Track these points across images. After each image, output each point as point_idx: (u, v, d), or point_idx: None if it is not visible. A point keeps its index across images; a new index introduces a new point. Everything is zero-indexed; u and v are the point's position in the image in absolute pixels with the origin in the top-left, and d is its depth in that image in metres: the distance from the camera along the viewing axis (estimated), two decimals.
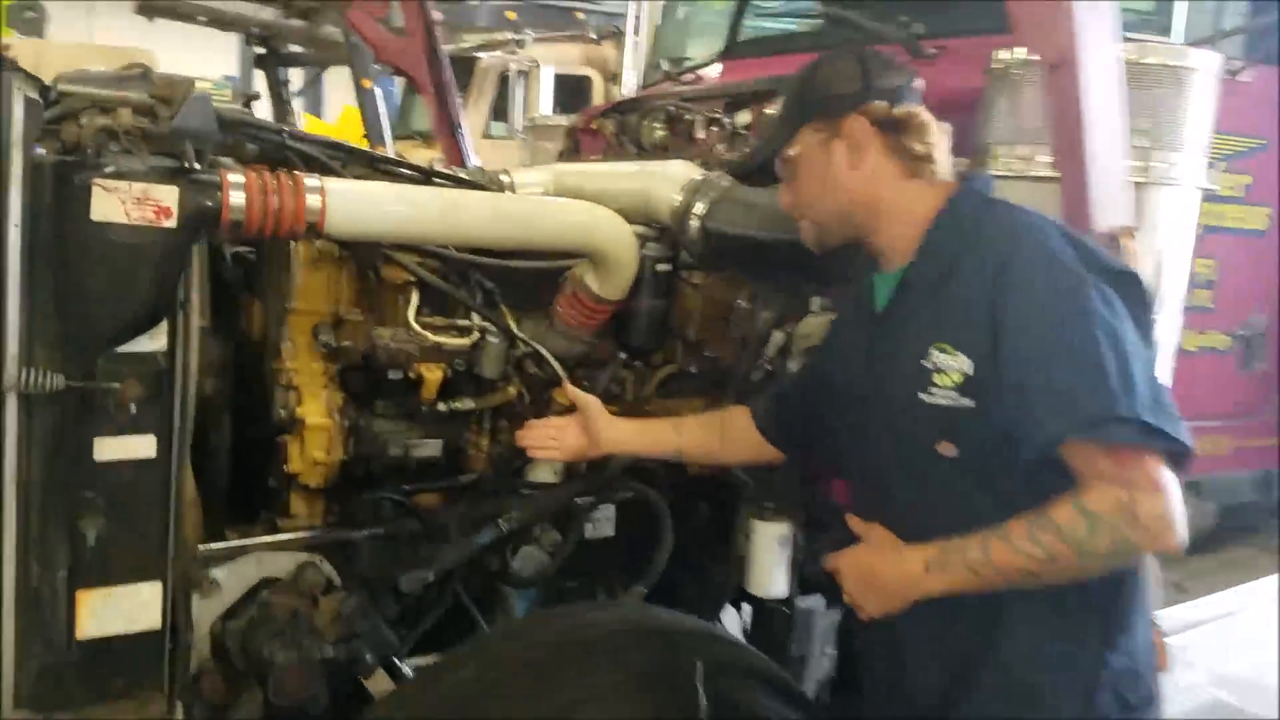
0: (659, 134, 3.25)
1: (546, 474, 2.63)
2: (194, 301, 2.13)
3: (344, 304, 2.45)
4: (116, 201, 1.71)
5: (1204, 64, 2.04)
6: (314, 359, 2.40)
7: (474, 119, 7.83)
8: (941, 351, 1.58)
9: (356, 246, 2.36)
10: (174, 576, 1.97)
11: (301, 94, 10.26)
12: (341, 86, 8.62)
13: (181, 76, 1.94)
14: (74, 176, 1.69)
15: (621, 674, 1.86)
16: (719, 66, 3.46)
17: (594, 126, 3.59)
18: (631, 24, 7.52)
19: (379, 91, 6.56)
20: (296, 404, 2.36)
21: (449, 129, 3.97)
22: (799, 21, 3.54)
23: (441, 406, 2.49)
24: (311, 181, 1.91)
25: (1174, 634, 2.50)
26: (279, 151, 2.16)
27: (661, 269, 2.75)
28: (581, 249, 2.51)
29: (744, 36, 3.58)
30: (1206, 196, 2.16)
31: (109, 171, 1.71)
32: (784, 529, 2.62)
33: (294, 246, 2.36)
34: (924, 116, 1.75)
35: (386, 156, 2.43)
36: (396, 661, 2.33)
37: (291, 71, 8.10)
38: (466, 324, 2.55)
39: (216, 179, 1.82)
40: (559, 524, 2.54)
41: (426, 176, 2.43)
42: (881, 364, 1.76)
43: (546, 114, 7.53)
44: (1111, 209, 1.88)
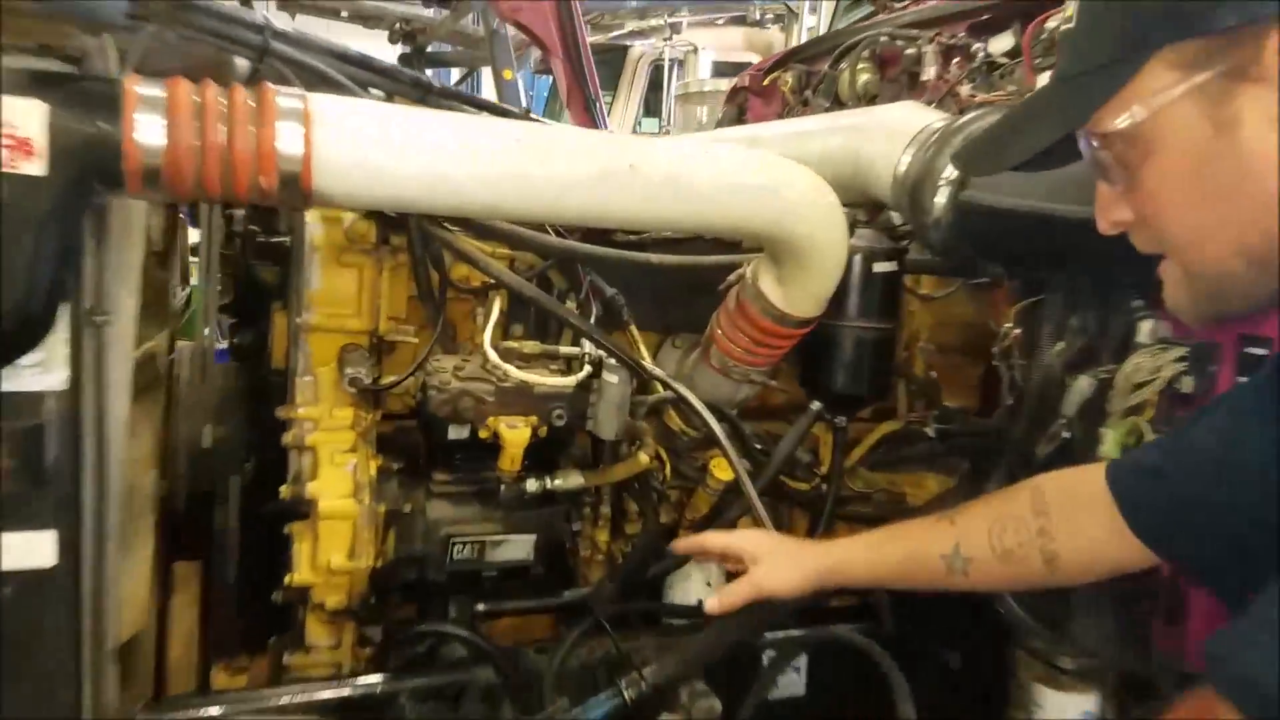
0: (865, 78, 2.24)
1: (701, 588, 1.67)
2: (125, 309, 1.30)
3: (386, 319, 1.58)
4: None
5: None
6: (339, 403, 1.53)
7: (622, 113, 6.97)
8: None
9: (400, 222, 1.48)
10: None
11: None
12: (492, 93, 8.02)
13: None
14: None
15: None
16: None
17: (766, 83, 2.60)
18: None
19: (521, 84, 5.85)
20: (309, 475, 1.49)
21: (583, 101, 3.10)
22: None
23: (533, 483, 1.57)
24: (288, 101, 1.02)
25: None
26: (260, 61, 1.30)
27: (880, 270, 1.74)
28: (759, 234, 1.54)
29: None
30: None
31: None
32: (1089, 702, 1.57)
33: (307, 225, 1.51)
34: None
35: (451, 89, 1.53)
36: None
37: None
38: (572, 352, 1.62)
39: (113, 92, 0.94)
40: (719, 679, 1.55)
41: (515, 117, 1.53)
42: None
43: (702, 78, 6.50)
44: None
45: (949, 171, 1.56)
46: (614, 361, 1.61)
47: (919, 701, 1.56)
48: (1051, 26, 1.88)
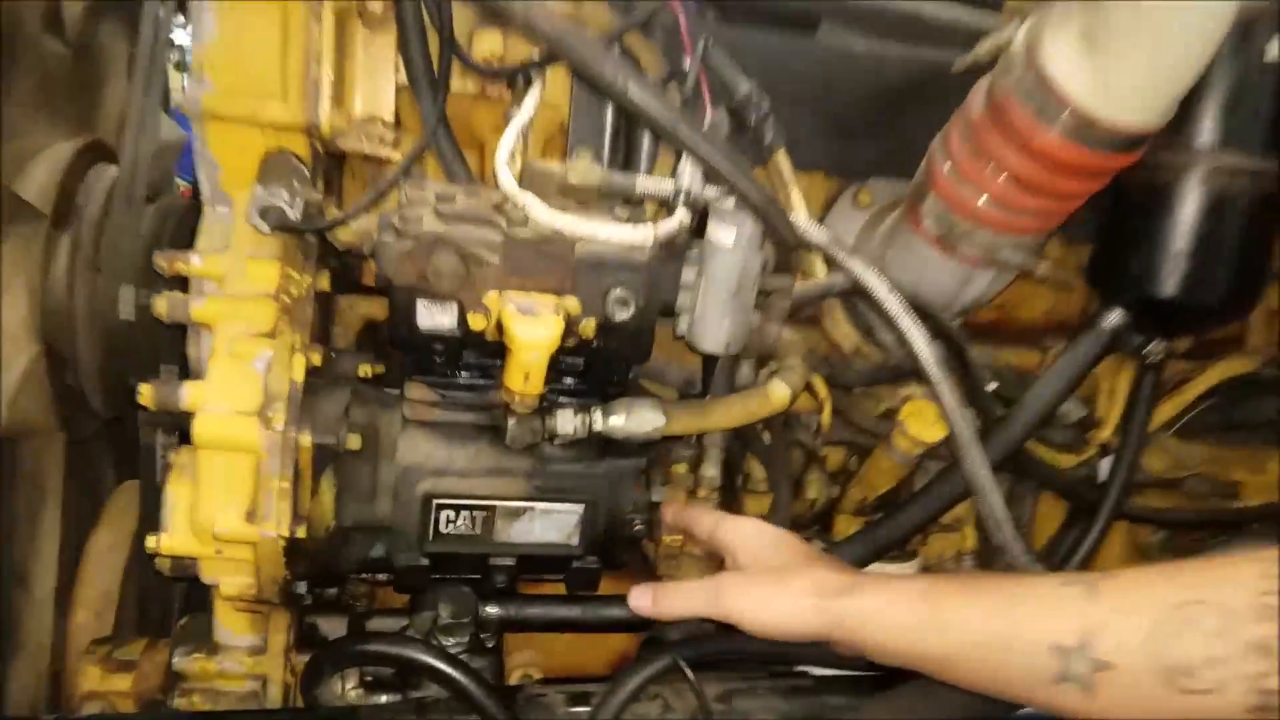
0: None
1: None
2: None
3: (341, 111, 0.90)
4: None
5: None
6: (258, 252, 0.89)
7: None
8: None
9: None
10: None
11: None
12: None
13: None
14: None
15: None
16: None
17: None
18: None
19: None
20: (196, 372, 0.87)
21: None
22: None
23: (569, 418, 0.87)
24: None
25: None
26: None
27: None
28: None
29: None
30: None
31: None
32: None
33: None
34: None
35: None
36: None
37: None
38: (655, 187, 0.88)
39: None
40: None
41: None
42: None
43: None
44: None
45: None
46: (734, 205, 0.86)
47: None
48: None
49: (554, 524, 0.96)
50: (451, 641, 0.96)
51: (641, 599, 0.89)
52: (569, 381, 0.94)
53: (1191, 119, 0.92)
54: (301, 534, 0.87)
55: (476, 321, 0.84)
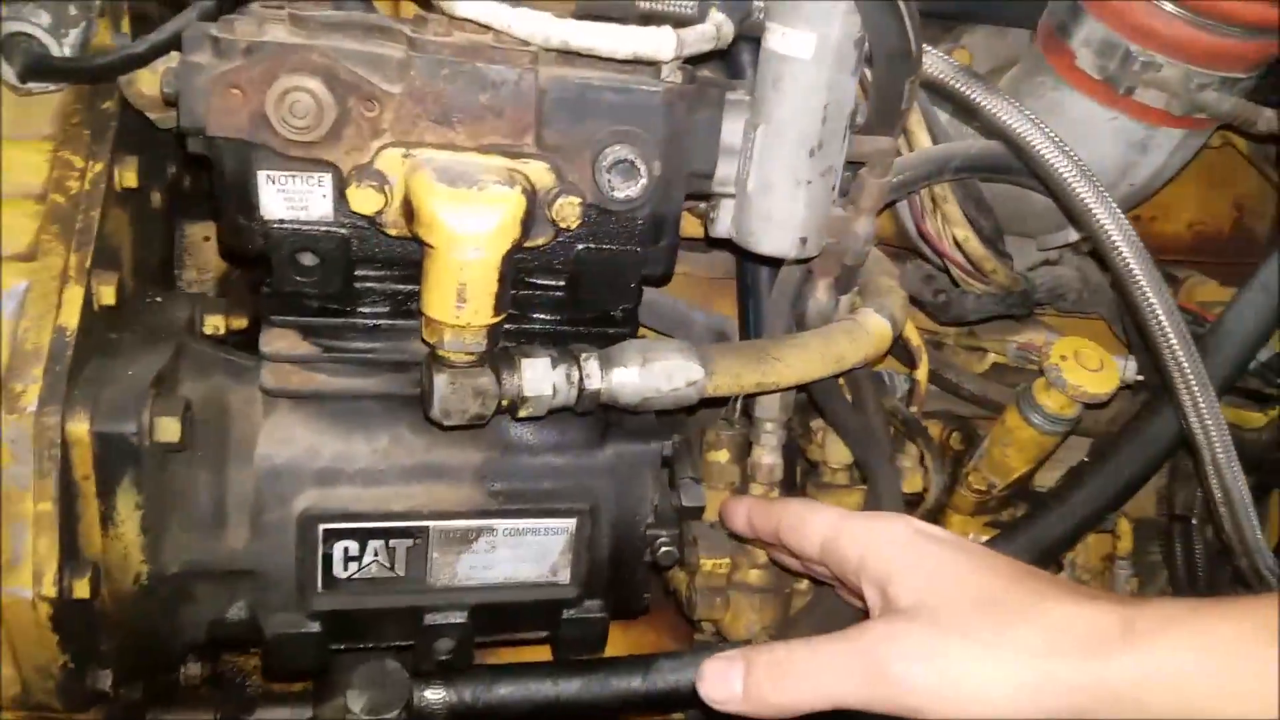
0: None
1: None
2: None
3: None
4: None
5: None
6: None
7: None
8: None
9: None
10: None
11: None
12: None
13: None
14: None
15: None
16: None
17: None
18: None
19: None
20: None
21: None
22: None
23: (539, 372, 0.48)
24: None
25: None
26: None
27: None
28: None
29: None
30: None
31: None
32: None
33: None
34: None
35: None
36: None
37: None
38: None
39: None
40: None
41: None
42: None
43: None
44: None
45: None
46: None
47: None
48: None
49: (529, 552, 0.59)
50: None
51: (724, 684, 0.48)
52: (540, 319, 0.57)
53: None
54: (83, 591, 0.50)
55: (364, 201, 0.47)
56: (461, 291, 0.47)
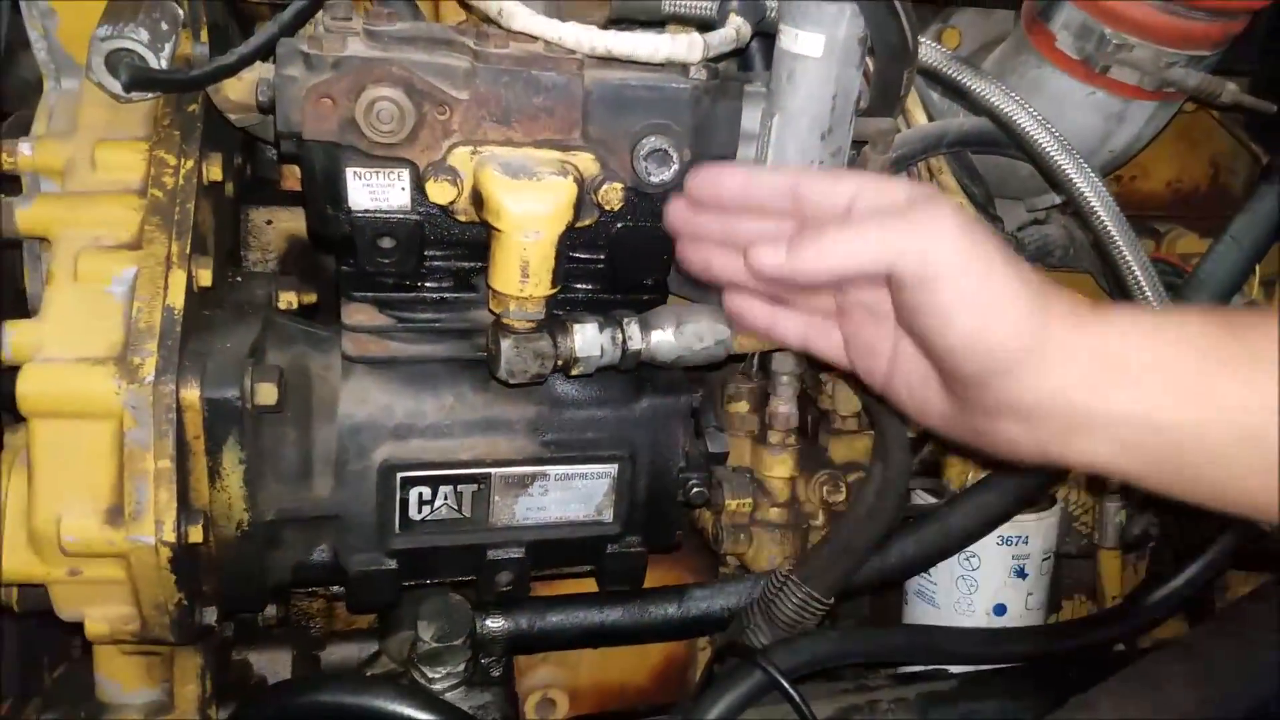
0: None
1: None
2: None
3: None
4: None
5: None
6: (113, 127, 0.57)
7: None
8: None
9: None
10: None
11: None
12: None
13: None
14: None
15: None
16: None
17: None
18: None
19: None
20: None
21: None
22: None
23: (589, 335, 0.56)
24: None
25: None
26: None
27: None
28: None
29: None
30: None
31: None
32: None
33: None
34: None
35: None
36: None
37: None
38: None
39: None
40: None
41: None
42: None
43: None
44: None
45: None
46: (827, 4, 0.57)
47: None
48: None
49: (577, 494, 0.67)
50: (441, 674, 0.67)
51: (769, 254, 0.49)
52: (582, 288, 0.65)
53: None
54: (196, 536, 0.58)
55: (440, 193, 0.54)
56: (524, 268, 0.54)
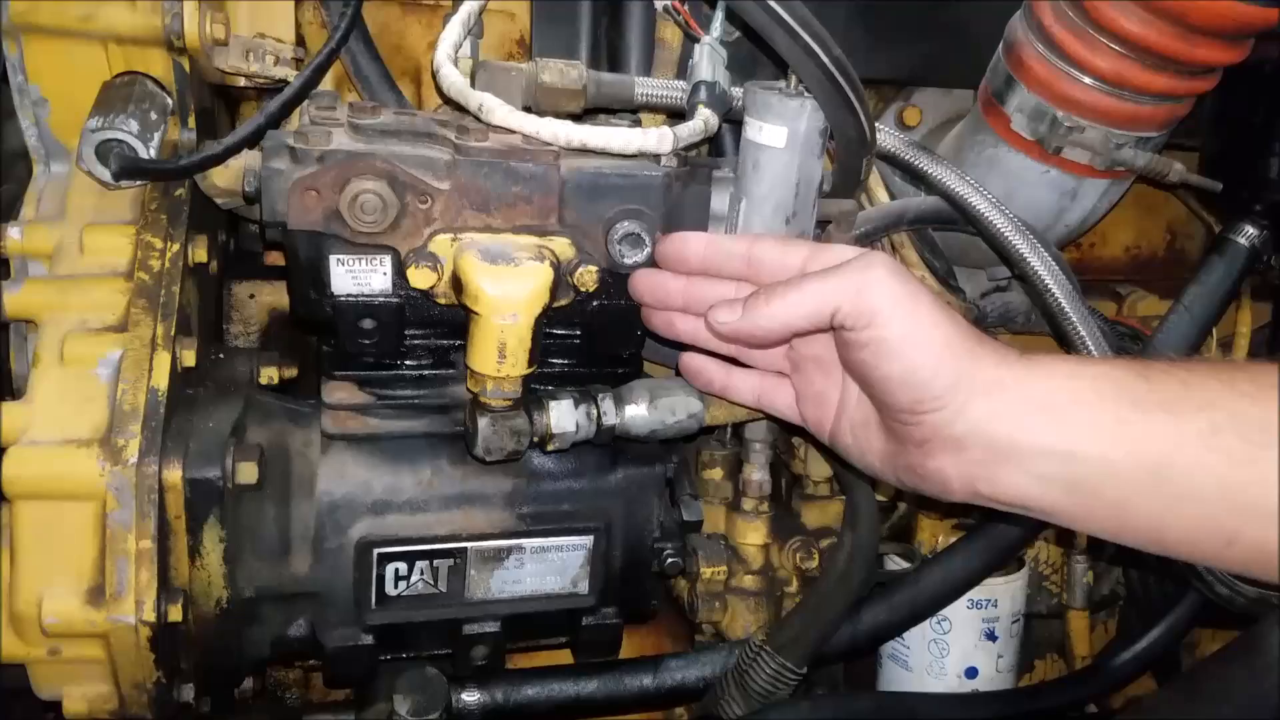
0: None
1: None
2: None
3: (213, 18, 0.61)
4: None
5: None
6: (101, 214, 0.60)
7: None
8: None
9: None
10: None
11: None
12: None
13: None
14: None
15: None
16: None
17: None
18: None
19: None
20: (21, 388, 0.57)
21: None
22: None
23: (564, 411, 0.58)
24: None
25: None
26: None
27: None
28: None
29: None
30: None
31: None
32: None
33: None
34: None
35: None
36: None
37: None
38: (660, 92, 0.61)
39: None
40: None
41: None
42: None
43: None
44: None
45: None
46: (783, 95, 0.60)
47: None
48: None
49: (552, 566, 0.68)
50: None
51: (726, 313, 0.54)
52: (559, 363, 0.67)
53: None
54: (176, 615, 0.58)
55: (421, 279, 0.56)
56: (502, 349, 0.56)
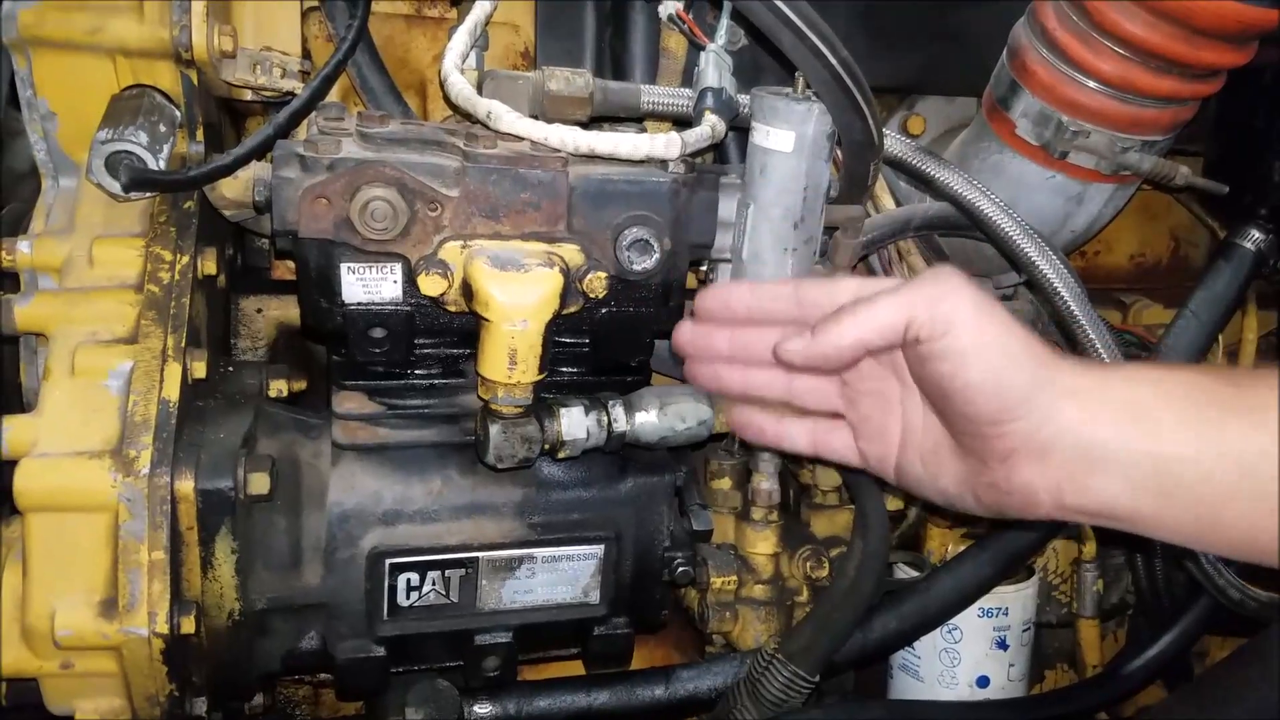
0: None
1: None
2: None
3: (222, 34, 0.62)
4: None
5: None
6: (110, 226, 0.61)
7: None
8: None
9: None
10: None
11: None
12: None
13: None
14: None
15: None
16: None
17: None
18: None
19: None
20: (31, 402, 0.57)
21: None
22: None
23: (575, 418, 0.58)
24: None
25: None
26: None
27: None
28: None
29: None
30: None
31: None
32: None
33: None
34: None
35: None
36: None
37: None
38: (665, 100, 0.62)
39: None
40: None
41: None
42: None
43: None
44: None
45: None
46: (790, 100, 0.60)
47: None
48: None
49: (563, 576, 0.68)
50: None
51: (796, 341, 0.50)
52: (568, 371, 0.67)
53: None
54: (189, 627, 0.58)
55: (431, 286, 0.56)
56: (512, 356, 0.56)
